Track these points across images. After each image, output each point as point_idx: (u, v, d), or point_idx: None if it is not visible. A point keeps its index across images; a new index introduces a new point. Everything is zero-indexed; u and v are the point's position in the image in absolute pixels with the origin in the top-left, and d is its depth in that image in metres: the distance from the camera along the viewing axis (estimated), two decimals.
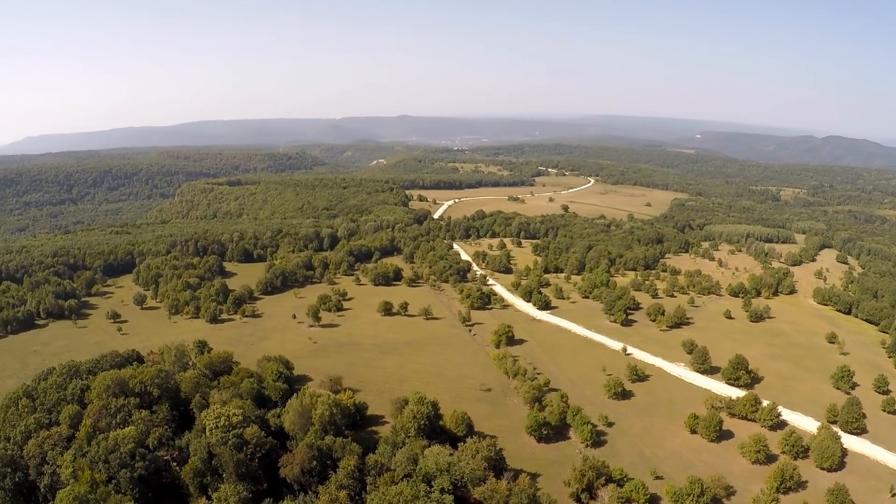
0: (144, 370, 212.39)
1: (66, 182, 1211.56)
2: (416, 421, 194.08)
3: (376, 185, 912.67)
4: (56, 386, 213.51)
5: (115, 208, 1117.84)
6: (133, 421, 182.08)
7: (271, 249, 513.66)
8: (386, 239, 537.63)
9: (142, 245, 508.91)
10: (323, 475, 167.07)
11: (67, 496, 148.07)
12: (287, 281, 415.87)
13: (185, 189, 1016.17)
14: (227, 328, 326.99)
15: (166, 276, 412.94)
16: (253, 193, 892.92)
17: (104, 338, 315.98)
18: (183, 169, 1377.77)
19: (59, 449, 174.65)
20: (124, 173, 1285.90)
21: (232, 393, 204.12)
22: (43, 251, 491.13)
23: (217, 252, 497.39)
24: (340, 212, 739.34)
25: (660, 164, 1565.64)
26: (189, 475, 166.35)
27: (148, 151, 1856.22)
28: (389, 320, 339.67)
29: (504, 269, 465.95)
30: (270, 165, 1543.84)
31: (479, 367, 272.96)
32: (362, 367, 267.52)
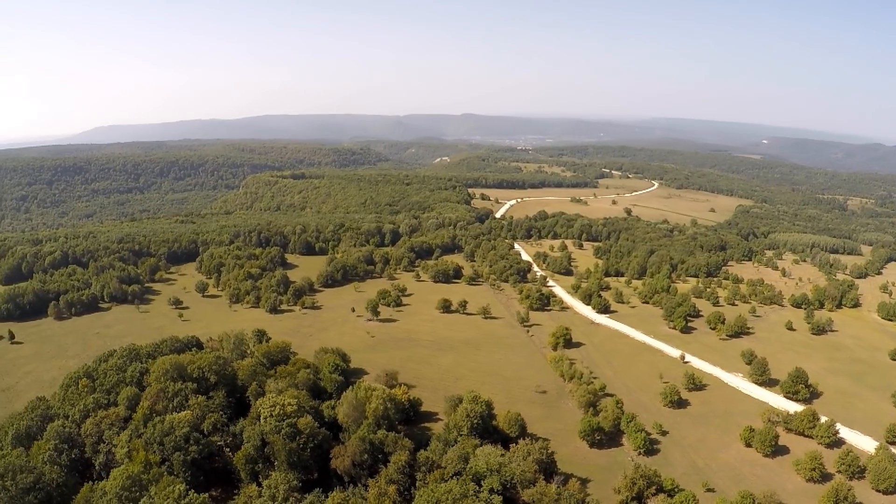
0: (203, 356, 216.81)
1: (133, 171, 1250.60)
2: (469, 420, 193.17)
3: (439, 183, 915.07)
4: (116, 368, 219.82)
5: (180, 198, 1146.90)
6: (189, 405, 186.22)
7: (333, 243, 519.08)
8: (447, 236, 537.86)
9: (206, 234, 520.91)
10: (373, 469, 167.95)
11: (121, 475, 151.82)
12: (347, 275, 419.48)
13: (249, 181, 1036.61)
14: (287, 319, 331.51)
15: (228, 265, 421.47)
16: (317, 187, 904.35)
17: (165, 323, 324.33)
18: (248, 161, 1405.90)
19: (116, 429, 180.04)
20: (190, 164, 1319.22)
21: (288, 383, 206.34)
22: (109, 237, 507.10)
23: (279, 244, 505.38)
24: (403, 208, 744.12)
25: (725, 170, 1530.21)
26: (241, 461, 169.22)
27: (214, 143, 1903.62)
28: (448, 318, 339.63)
29: (564, 271, 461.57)
30: (334, 160, 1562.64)
31: (535, 369, 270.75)
32: (418, 363, 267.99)
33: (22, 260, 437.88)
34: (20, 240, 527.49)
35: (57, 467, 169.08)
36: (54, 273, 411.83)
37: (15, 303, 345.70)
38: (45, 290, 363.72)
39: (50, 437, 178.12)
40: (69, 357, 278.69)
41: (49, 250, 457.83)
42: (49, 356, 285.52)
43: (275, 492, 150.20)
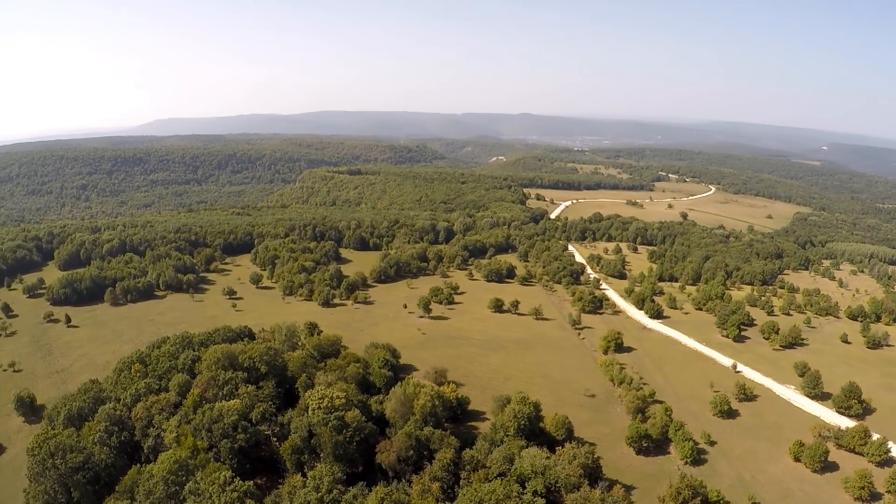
0: (254, 346, 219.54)
1: (191, 163, 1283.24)
2: (516, 420, 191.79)
3: (494, 182, 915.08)
4: (168, 354, 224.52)
5: (237, 191, 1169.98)
6: (239, 394, 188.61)
7: (387, 239, 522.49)
8: (501, 236, 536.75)
9: (261, 227, 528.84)
10: (418, 465, 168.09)
11: (168, 459, 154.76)
12: (401, 271, 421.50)
13: (306, 176, 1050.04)
14: (339, 313, 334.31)
15: (283, 258, 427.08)
16: (372, 183, 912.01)
17: (218, 312, 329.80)
18: (305, 156, 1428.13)
19: (166, 414, 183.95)
20: (248, 158, 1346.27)
21: (337, 376, 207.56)
22: (166, 227, 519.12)
23: (334, 238, 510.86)
24: (458, 206, 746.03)
25: (783, 176, 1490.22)
26: (287, 451, 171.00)
27: (272, 138, 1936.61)
28: (499, 317, 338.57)
29: (618, 275, 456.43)
30: (391, 157, 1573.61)
31: (584, 372, 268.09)
32: (468, 361, 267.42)
33: (80, 247, 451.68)
34: (79, 227, 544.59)
35: (106, 448, 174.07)
36: (111, 260, 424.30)
37: (72, 288, 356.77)
38: (102, 277, 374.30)
39: (101, 419, 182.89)
40: (123, 342, 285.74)
41: (107, 238, 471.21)
42: (103, 340, 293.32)
43: (319, 483, 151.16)
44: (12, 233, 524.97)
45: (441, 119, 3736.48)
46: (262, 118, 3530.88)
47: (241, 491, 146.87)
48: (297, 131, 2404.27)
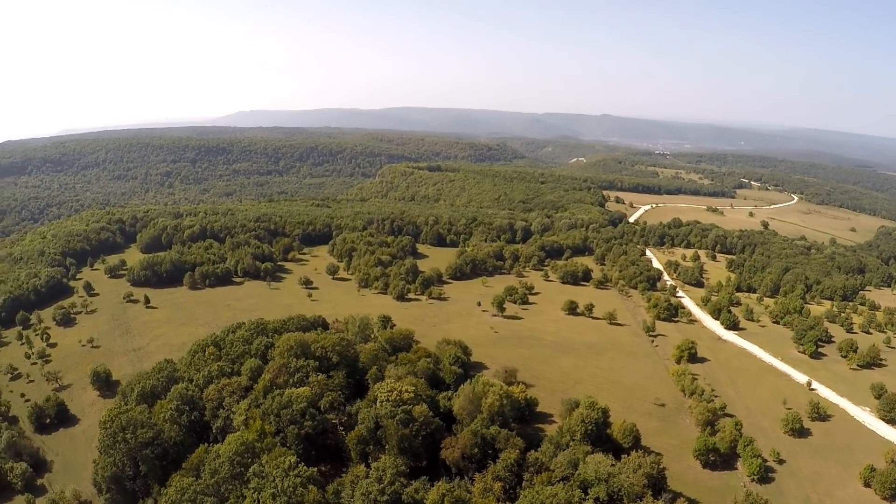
0: (327, 336, 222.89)
1: (273, 155, 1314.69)
2: (583, 425, 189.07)
3: (574, 183, 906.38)
4: (243, 340, 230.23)
5: (317, 183, 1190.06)
6: (309, 382, 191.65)
7: (464, 236, 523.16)
8: (579, 238, 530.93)
9: (340, 219, 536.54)
10: (482, 463, 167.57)
11: (236, 440, 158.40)
12: (476, 268, 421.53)
13: (386, 170, 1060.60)
14: (412, 307, 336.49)
15: (360, 250, 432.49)
16: (451, 180, 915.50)
17: (294, 301, 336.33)
18: (385, 151, 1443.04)
19: (236, 397, 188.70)
20: (329, 151, 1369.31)
21: (408, 370, 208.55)
22: (246, 216, 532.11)
23: (411, 233, 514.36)
24: (536, 206, 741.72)
25: (869, 187, 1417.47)
26: (353, 441, 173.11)
27: (353, 132, 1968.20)
28: (572, 320, 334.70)
29: (695, 282, 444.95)
30: (470, 154, 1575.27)
31: (655, 380, 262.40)
32: (539, 362, 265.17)
33: (162, 231, 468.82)
34: (162, 212, 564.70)
35: (176, 426, 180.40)
36: (192, 245, 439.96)
37: (153, 270, 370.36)
38: (182, 261, 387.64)
39: (173, 398, 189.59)
40: (199, 325, 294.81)
41: (188, 224, 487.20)
42: (180, 322, 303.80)
43: (382, 474, 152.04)
44: (97, 215, 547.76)
45: (522, 118, 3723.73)
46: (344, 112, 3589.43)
47: (305, 476, 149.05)
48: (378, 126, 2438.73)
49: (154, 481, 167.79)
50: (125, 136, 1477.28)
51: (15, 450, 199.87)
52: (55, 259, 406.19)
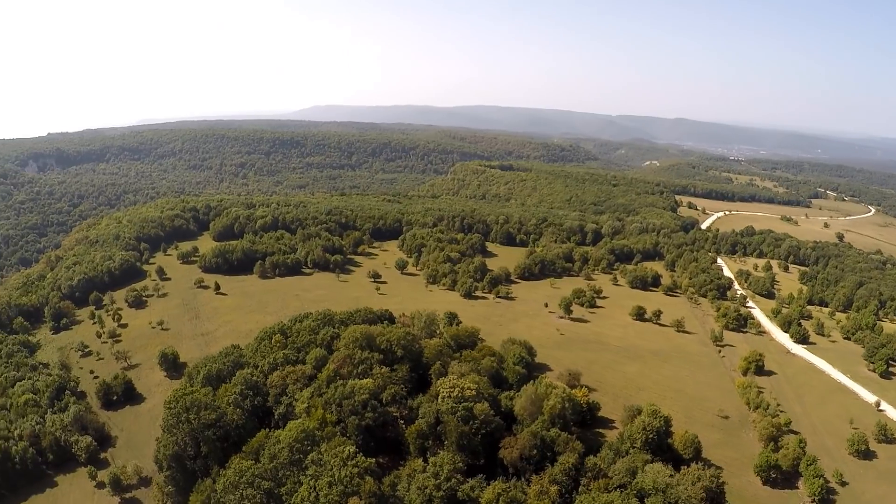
0: (393, 330, 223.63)
1: (346, 149, 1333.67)
2: (644, 433, 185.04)
3: (646, 187, 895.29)
4: (309, 329, 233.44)
5: (389, 178, 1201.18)
6: (372, 374, 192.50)
7: (534, 237, 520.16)
8: (649, 242, 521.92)
9: (410, 215, 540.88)
10: (540, 465, 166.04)
11: (297, 427, 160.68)
12: (545, 269, 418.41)
13: (458, 168, 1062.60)
14: (479, 305, 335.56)
15: (430, 246, 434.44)
16: (523, 180, 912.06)
17: (362, 294, 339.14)
18: (458, 149, 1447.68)
19: (300, 385, 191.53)
20: (402, 147, 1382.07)
21: (471, 367, 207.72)
22: (318, 208, 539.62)
23: (481, 231, 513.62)
24: (607, 209, 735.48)
25: None
26: (413, 435, 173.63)
27: (426, 129, 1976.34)
28: (639, 325, 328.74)
29: (766, 293, 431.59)
30: (543, 155, 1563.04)
31: (720, 392, 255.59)
32: (603, 367, 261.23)
33: (235, 220, 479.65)
34: (235, 202, 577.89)
35: (239, 410, 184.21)
36: (263, 235, 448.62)
37: (224, 258, 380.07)
38: (254, 250, 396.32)
39: (238, 382, 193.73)
40: (267, 313, 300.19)
41: (261, 214, 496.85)
42: (248, 309, 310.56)
43: (439, 470, 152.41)
44: (172, 203, 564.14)
45: (596, 119, 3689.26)
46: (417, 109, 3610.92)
47: (363, 467, 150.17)
48: (451, 124, 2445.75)
49: (214, 462, 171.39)
50: (201, 128, 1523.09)
51: (81, 424, 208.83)
52: (129, 243, 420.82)
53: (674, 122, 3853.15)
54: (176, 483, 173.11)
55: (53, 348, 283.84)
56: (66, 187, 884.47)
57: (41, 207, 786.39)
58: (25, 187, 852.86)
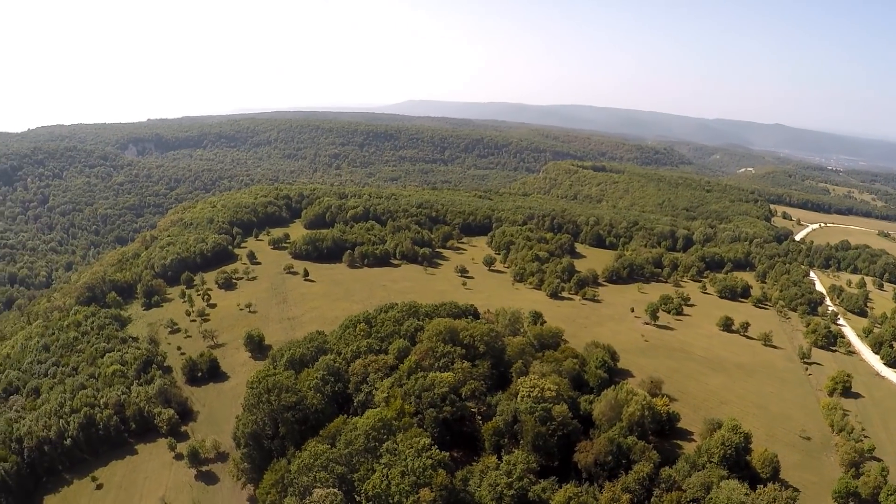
0: (477, 326, 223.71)
1: (439, 144, 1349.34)
2: (723, 448, 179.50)
3: (740, 194, 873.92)
4: (394, 320, 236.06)
5: (481, 174, 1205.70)
6: (454, 368, 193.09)
7: (624, 240, 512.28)
8: (741, 252, 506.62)
9: (500, 212, 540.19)
10: (614, 472, 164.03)
11: (375, 416, 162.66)
12: (633, 273, 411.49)
13: (550, 167, 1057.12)
14: (564, 306, 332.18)
15: (518, 244, 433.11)
16: (616, 182, 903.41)
17: (448, 288, 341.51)
18: (551, 148, 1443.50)
19: (381, 374, 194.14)
20: (495, 144, 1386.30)
21: (552, 368, 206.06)
22: (409, 201, 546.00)
23: (571, 232, 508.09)
24: (700, 215, 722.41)
25: None
26: (489, 432, 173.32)
27: (519, 127, 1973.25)
28: (726, 337, 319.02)
29: (858, 311, 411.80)
30: (636, 157, 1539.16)
31: (804, 411, 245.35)
32: (685, 377, 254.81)
33: (327, 210, 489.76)
34: (328, 192, 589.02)
35: (319, 395, 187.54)
36: (354, 225, 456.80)
37: (314, 246, 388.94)
38: (343, 240, 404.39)
39: (320, 368, 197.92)
40: (353, 302, 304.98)
41: (352, 205, 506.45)
42: (335, 297, 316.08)
43: (512, 468, 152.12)
44: (265, 190, 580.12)
45: (691, 122, 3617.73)
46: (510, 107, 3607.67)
47: (436, 459, 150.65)
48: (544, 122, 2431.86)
49: (290, 443, 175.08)
50: (297, 118, 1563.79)
51: (165, 397, 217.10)
52: (222, 227, 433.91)
53: (771, 128, 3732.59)
54: (252, 461, 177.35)
55: (143, 323, 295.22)
56: (164, 171, 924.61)
57: (139, 189, 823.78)
58: (125, 169, 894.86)
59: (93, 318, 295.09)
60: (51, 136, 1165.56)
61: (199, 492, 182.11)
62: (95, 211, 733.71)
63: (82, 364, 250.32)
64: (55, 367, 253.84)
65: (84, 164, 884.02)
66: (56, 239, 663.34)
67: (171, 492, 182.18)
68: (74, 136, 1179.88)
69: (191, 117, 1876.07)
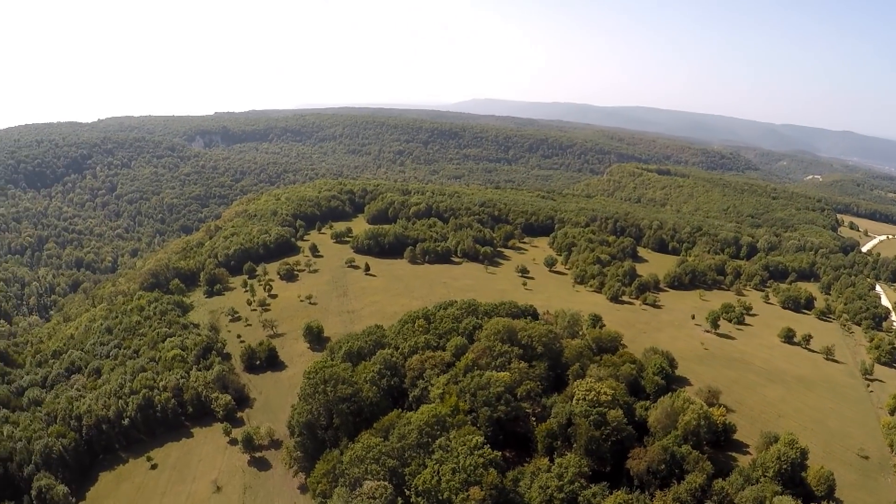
0: (535, 326, 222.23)
1: (504, 143, 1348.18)
2: (778, 463, 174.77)
3: (806, 203, 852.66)
4: (452, 317, 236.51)
5: (544, 175, 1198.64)
6: (510, 368, 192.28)
7: (687, 245, 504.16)
8: (806, 262, 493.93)
9: (563, 213, 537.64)
10: (666, 481, 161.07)
11: (429, 411, 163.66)
12: (695, 280, 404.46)
13: (614, 169, 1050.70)
14: (624, 310, 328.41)
15: (580, 246, 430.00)
16: (680, 186, 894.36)
17: (508, 287, 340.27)
18: (615, 150, 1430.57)
19: (437, 371, 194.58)
20: (559, 144, 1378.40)
21: (609, 372, 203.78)
22: (472, 199, 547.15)
23: (633, 235, 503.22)
24: (764, 222, 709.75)
25: None
26: (542, 433, 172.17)
27: (584, 128, 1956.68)
28: (787, 349, 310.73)
29: None
30: (702, 161, 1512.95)
31: (864, 429, 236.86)
32: (744, 388, 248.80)
33: (390, 205, 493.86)
34: (391, 188, 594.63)
35: (375, 388, 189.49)
36: (416, 222, 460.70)
37: (376, 240, 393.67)
38: (405, 236, 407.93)
39: (377, 361, 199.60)
40: (413, 297, 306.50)
41: (415, 201, 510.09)
42: (395, 292, 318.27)
43: (564, 471, 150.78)
44: (329, 184, 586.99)
45: (757, 127, 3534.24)
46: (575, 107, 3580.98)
47: (488, 458, 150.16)
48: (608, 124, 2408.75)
49: (344, 434, 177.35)
50: (362, 114, 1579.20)
51: (223, 383, 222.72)
52: (286, 220, 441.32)
53: (840, 135, 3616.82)
54: (305, 449, 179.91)
55: (205, 311, 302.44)
56: (230, 163, 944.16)
57: (205, 180, 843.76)
58: (191, 161, 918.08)
59: (156, 303, 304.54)
60: (120, 126, 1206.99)
61: (251, 477, 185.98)
62: (162, 200, 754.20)
63: (143, 347, 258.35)
64: (117, 349, 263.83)
65: (152, 154, 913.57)
66: (123, 226, 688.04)
67: (224, 475, 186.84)
68: (143, 127, 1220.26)
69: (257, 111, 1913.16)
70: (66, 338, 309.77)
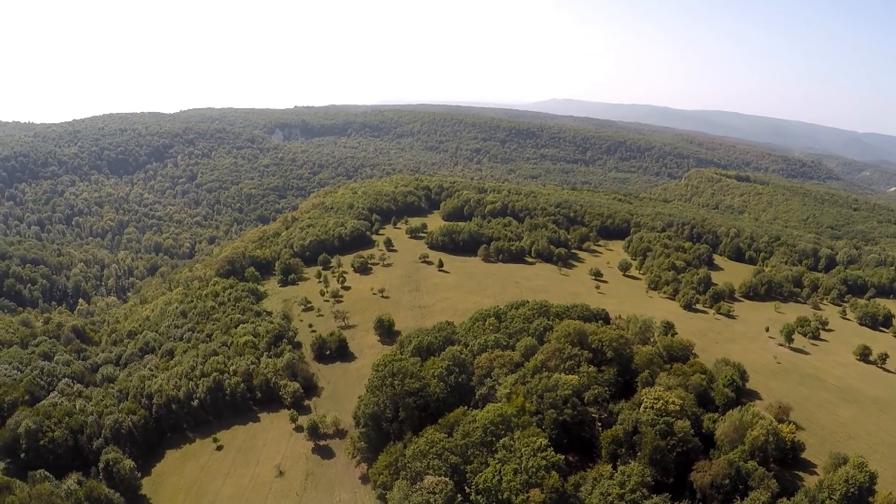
0: (607, 331, 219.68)
1: (581, 144, 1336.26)
2: (845, 485, 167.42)
3: (889, 215, 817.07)
4: (524, 317, 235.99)
5: (622, 177, 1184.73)
6: (579, 372, 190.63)
7: (764, 255, 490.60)
8: (886, 277, 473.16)
9: (639, 217, 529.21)
10: (729, 497, 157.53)
11: (495, 410, 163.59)
12: (771, 291, 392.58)
13: (692, 174, 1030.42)
14: (697, 319, 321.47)
15: (655, 251, 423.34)
16: (759, 193, 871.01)
17: (580, 290, 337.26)
18: (694, 154, 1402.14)
19: (505, 370, 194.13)
20: (637, 147, 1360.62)
21: (679, 382, 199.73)
22: (548, 200, 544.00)
23: (709, 242, 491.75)
24: (844, 234, 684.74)
25: None
26: (607, 439, 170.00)
27: (663, 131, 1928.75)
28: (862, 367, 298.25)
29: None
30: (782, 168, 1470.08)
31: None
32: (815, 405, 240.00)
33: (465, 203, 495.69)
34: (467, 185, 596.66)
35: (442, 384, 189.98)
36: (491, 220, 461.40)
37: (451, 237, 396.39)
38: (480, 234, 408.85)
39: (446, 358, 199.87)
40: (485, 296, 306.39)
41: (491, 200, 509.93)
42: (467, 290, 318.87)
43: (626, 479, 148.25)
44: (406, 180, 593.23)
45: (840, 135, 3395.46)
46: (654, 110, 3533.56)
47: (551, 461, 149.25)
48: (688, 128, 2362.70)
49: (409, 428, 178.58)
50: (440, 112, 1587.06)
51: (293, 371, 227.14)
52: (362, 213, 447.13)
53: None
54: (369, 440, 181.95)
55: (278, 299, 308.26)
56: (308, 156, 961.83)
57: (283, 172, 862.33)
58: (270, 153, 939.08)
59: (230, 290, 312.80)
60: (202, 117, 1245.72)
61: (314, 464, 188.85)
62: (240, 190, 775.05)
63: (216, 332, 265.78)
64: (190, 332, 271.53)
65: (232, 145, 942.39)
66: (201, 214, 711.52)
67: (287, 460, 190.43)
68: (224, 119, 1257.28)
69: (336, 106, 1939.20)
70: (141, 319, 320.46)
